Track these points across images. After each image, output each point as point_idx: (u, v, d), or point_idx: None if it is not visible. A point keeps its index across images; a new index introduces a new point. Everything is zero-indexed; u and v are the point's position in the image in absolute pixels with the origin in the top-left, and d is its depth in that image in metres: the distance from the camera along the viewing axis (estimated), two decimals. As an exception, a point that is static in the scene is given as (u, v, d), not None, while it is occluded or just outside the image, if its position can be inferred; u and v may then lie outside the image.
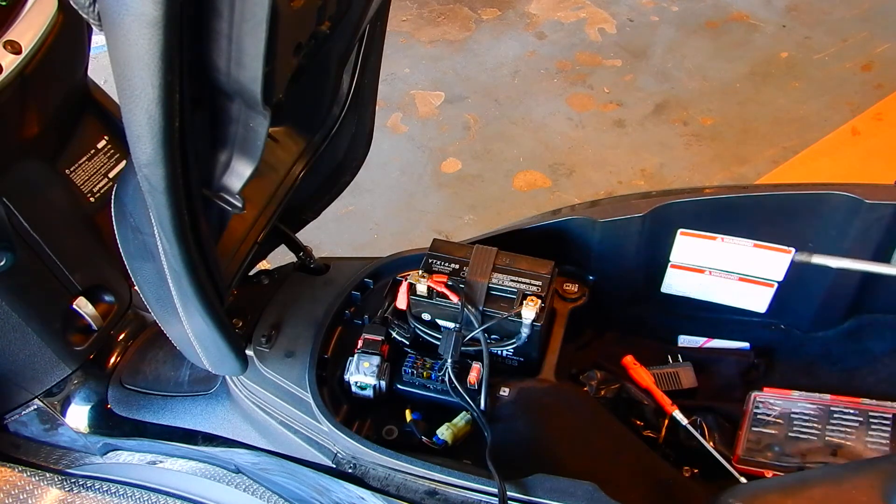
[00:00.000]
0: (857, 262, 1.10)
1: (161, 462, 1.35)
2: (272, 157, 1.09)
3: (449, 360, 1.04)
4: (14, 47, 1.07)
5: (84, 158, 1.36)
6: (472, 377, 1.05)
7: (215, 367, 1.04)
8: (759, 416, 1.14)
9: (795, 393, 1.15)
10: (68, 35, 1.16)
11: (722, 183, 2.47)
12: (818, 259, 1.11)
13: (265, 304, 1.19)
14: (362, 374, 1.06)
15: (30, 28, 1.10)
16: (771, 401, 1.16)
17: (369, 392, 1.08)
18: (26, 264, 1.25)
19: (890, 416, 1.09)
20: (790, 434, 1.11)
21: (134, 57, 0.61)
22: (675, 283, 1.23)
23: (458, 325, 1.05)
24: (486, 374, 1.04)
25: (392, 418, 1.09)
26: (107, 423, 1.39)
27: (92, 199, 1.37)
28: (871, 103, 2.70)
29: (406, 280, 1.07)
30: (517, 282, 1.05)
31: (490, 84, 2.89)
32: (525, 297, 1.03)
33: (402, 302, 1.08)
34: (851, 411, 1.11)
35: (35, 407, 1.41)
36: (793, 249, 1.14)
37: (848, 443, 1.08)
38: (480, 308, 1.04)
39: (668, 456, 1.13)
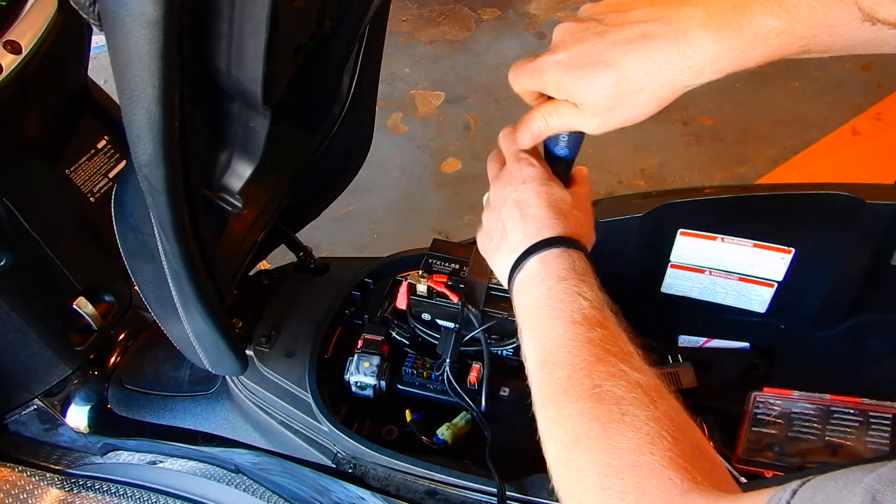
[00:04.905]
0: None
1: (161, 462, 1.35)
2: (272, 157, 1.09)
3: (447, 361, 1.04)
4: (14, 47, 1.07)
5: (84, 158, 1.36)
6: (472, 377, 1.04)
7: (215, 367, 1.04)
8: (759, 416, 1.14)
9: (795, 393, 1.15)
10: (68, 35, 1.16)
11: (722, 183, 2.47)
12: None
13: (265, 304, 1.19)
14: (362, 374, 1.06)
15: (30, 28, 1.09)
16: (771, 401, 1.16)
17: (369, 392, 1.08)
18: (26, 264, 1.25)
19: (890, 416, 1.09)
20: (790, 434, 1.11)
21: (134, 57, 0.60)
22: (675, 283, 1.22)
23: (457, 325, 1.05)
24: (487, 374, 1.04)
25: (392, 418, 1.09)
26: (107, 423, 1.38)
27: (92, 199, 1.37)
28: (871, 103, 2.69)
29: (406, 280, 1.07)
30: (517, 282, 1.04)
31: (490, 84, 2.89)
32: (525, 297, 1.02)
33: (402, 302, 1.08)
34: (851, 411, 1.11)
35: (35, 407, 1.41)
36: (793, 249, 1.14)
37: (848, 443, 1.08)
38: (481, 308, 1.04)
39: (669, 456, 1.13)
